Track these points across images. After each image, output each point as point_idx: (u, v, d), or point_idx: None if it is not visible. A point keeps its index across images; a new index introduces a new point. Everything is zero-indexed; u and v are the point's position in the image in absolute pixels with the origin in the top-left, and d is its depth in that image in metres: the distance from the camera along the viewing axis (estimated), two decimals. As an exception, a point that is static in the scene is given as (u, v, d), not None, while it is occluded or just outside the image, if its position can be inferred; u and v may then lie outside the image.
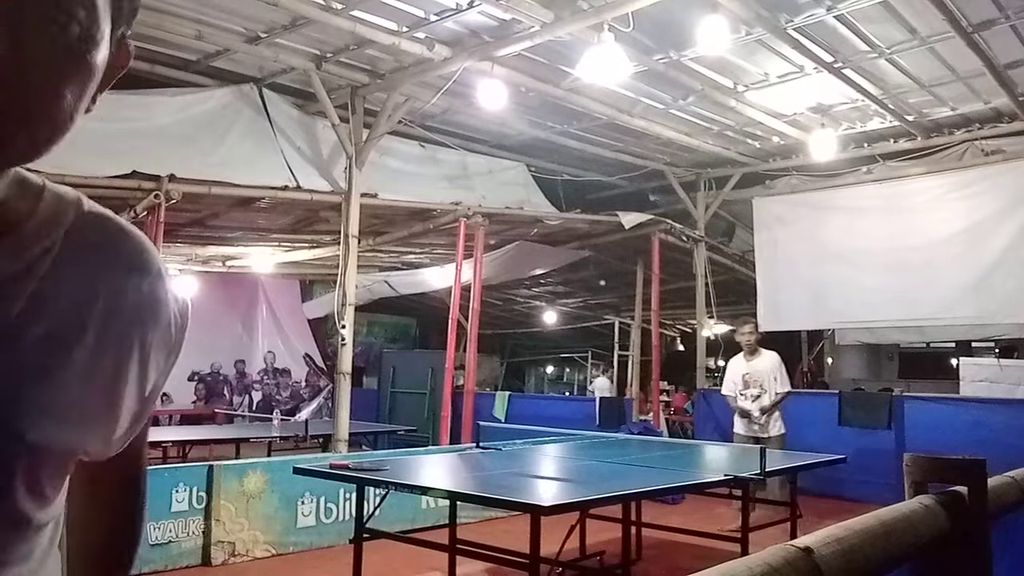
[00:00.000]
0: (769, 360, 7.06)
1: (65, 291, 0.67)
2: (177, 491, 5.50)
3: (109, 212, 0.76)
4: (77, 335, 0.68)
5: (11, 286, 0.64)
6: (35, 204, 0.69)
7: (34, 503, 0.67)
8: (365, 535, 4.37)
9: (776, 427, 6.88)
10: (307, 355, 15.60)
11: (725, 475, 4.60)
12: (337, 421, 8.17)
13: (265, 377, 15.13)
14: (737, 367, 7.13)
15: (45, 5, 0.58)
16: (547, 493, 4.30)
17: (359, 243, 8.34)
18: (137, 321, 0.73)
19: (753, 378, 6.95)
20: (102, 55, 0.63)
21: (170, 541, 5.40)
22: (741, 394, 6.96)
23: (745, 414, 6.92)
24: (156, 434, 9.04)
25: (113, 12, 0.64)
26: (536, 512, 3.49)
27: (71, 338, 0.67)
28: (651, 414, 11.32)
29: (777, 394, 6.91)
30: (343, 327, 8.03)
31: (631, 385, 13.43)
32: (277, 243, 10.94)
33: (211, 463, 5.85)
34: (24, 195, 0.69)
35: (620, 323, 16.42)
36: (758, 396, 6.90)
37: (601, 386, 15.29)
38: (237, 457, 7.86)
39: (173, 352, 0.78)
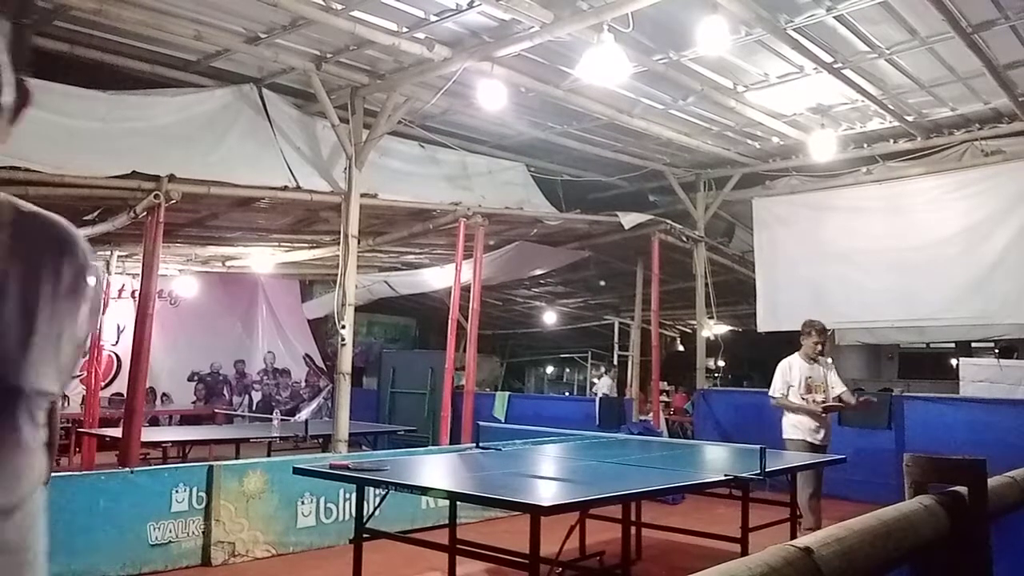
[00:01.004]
0: (828, 364, 6.64)
1: (23, 276, 0.86)
2: (177, 491, 5.50)
3: (38, 209, 0.93)
4: (38, 309, 0.87)
5: None
6: None
7: (32, 434, 0.88)
8: (365, 535, 4.37)
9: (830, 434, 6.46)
10: (307, 355, 15.60)
11: (725, 475, 4.60)
12: (337, 421, 8.17)
13: (265, 377, 15.13)
14: (799, 370, 6.47)
15: None
16: (547, 493, 4.30)
17: (359, 243, 8.34)
18: (73, 292, 0.92)
19: (816, 383, 6.42)
20: (6, 98, 0.78)
21: (170, 541, 5.40)
22: (803, 398, 6.34)
23: (830, 409, 6.34)
24: (156, 434, 9.06)
25: (13, 60, 0.78)
26: (536, 512, 3.49)
27: (35, 312, 0.86)
28: (651, 414, 11.32)
29: (845, 391, 6.48)
30: (343, 327, 8.03)
31: (631, 385, 13.43)
32: (277, 243, 10.94)
33: (211, 463, 5.85)
34: None
35: (620, 323, 16.42)
36: (824, 400, 6.39)
37: (605, 386, 15.28)
38: (237, 457, 7.86)
39: (97, 311, 0.99)
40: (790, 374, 6.47)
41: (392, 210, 9.09)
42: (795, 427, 6.34)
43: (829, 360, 6.68)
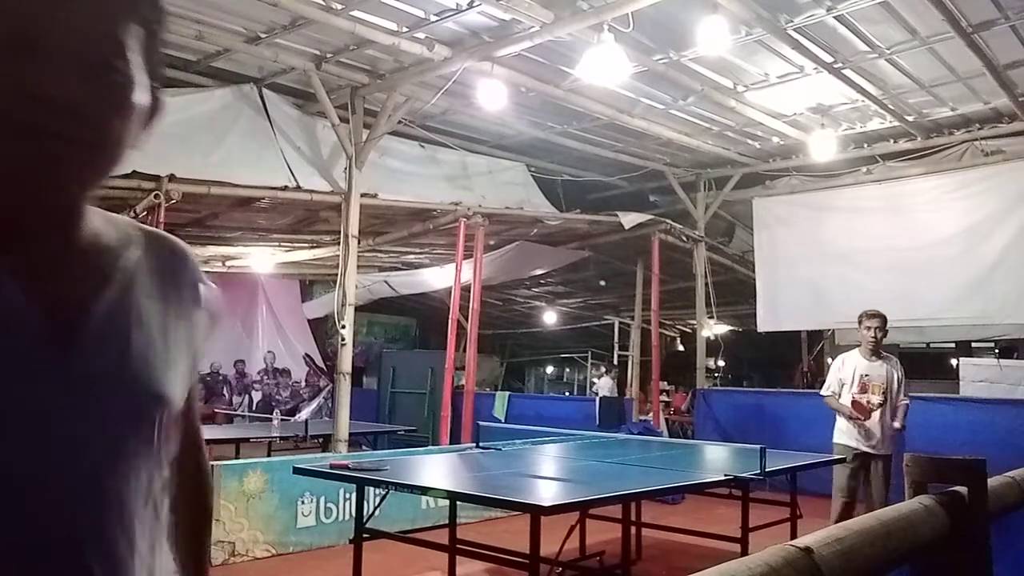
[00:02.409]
0: (893, 364, 5.87)
1: (153, 291, 0.92)
2: (177, 491, 5.49)
3: (156, 229, 1.01)
4: (165, 319, 0.92)
5: (123, 295, 0.88)
6: (113, 229, 0.93)
7: (165, 445, 0.91)
8: (365, 535, 4.37)
9: (889, 445, 5.72)
10: (307, 355, 15.60)
11: (725, 475, 4.60)
12: (337, 421, 8.17)
13: (265, 377, 15.13)
14: (853, 365, 5.80)
15: (97, 60, 0.78)
16: (547, 493, 4.30)
17: (359, 243, 8.34)
18: (191, 304, 0.98)
19: (874, 383, 5.69)
20: (140, 99, 0.83)
21: (170, 541, 5.39)
22: (856, 398, 5.72)
23: (856, 413, 5.70)
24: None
25: (146, 67, 0.84)
26: (536, 512, 3.49)
27: (163, 322, 0.92)
28: (651, 414, 11.32)
29: (903, 405, 5.80)
30: (343, 327, 8.03)
31: (631, 385, 13.43)
32: (277, 243, 10.94)
33: (211, 463, 5.82)
34: (105, 223, 0.92)
35: (620, 323, 16.43)
36: (881, 404, 5.68)
37: (604, 386, 15.29)
38: (237, 457, 7.85)
39: (214, 323, 1.04)
40: (843, 370, 5.83)
41: (392, 210, 9.09)
42: (841, 431, 5.76)
43: (900, 366, 5.92)
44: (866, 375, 5.72)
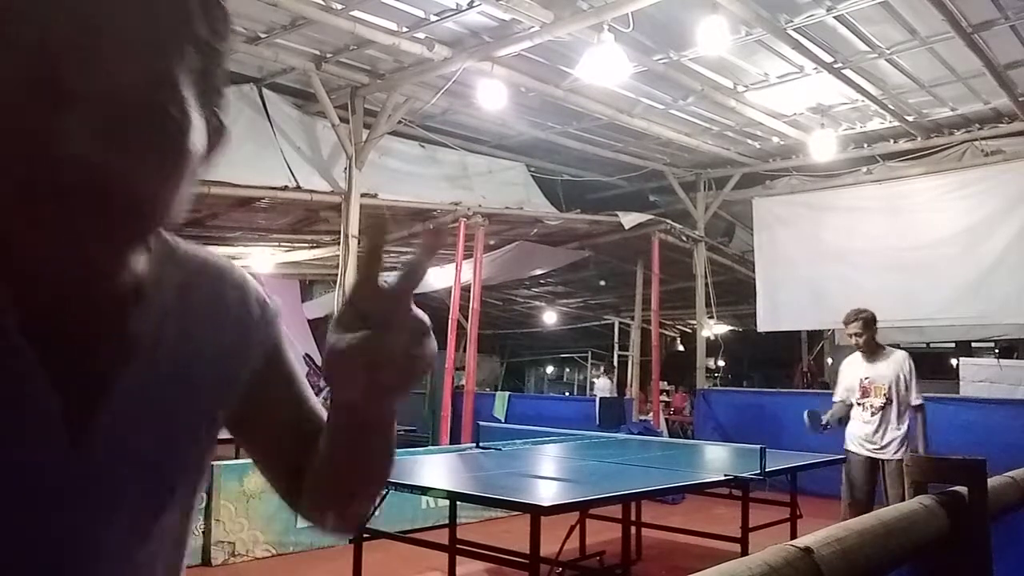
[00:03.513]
0: (897, 361, 5.35)
1: (191, 345, 0.76)
2: (177, 491, 5.48)
3: (219, 261, 0.87)
4: (202, 385, 0.77)
5: (153, 363, 0.72)
6: (161, 271, 0.78)
7: (175, 532, 0.79)
8: (365, 535, 4.37)
9: (899, 448, 5.24)
10: (307, 355, 15.56)
11: (725, 475, 4.60)
12: (337, 421, 8.15)
13: (265, 377, 15.12)
14: (855, 370, 5.48)
15: (142, 109, 0.61)
16: (547, 493, 4.30)
17: (359, 243, 8.34)
18: (245, 339, 0.83)
19: (875, 384, 5.30)
20: (197, 141, 0.68)
21: (170, 541, 5.40)
22: (859, 403, 5.38)
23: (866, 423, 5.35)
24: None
25: (199, 99, 0.68)
26: (536, 512, 3.49)
27: (201, 389, 0.77)
28: (651, 414, 11.32)
29: (911, 407, 5.29)
30: (343, 327, 8.02)
31: (631, 385, 13.43)
32: (277, 243, 10.94)
33: (211, 463, 5.84)
34: (157, 265, 0.77)
35: (620, 323, 16.43)
36: (883, 407, 5.26)
37: (602, 387, 15.31)
38: (237, 457, 7.81)
39: (285, 345, 0.91)
40: (848, 377, 5.53)
41: (392, 210, 9.09)
42: (848, 436, 5.47)
43: (907, 363, 5.37)
44: (866, 378, 5.40)
